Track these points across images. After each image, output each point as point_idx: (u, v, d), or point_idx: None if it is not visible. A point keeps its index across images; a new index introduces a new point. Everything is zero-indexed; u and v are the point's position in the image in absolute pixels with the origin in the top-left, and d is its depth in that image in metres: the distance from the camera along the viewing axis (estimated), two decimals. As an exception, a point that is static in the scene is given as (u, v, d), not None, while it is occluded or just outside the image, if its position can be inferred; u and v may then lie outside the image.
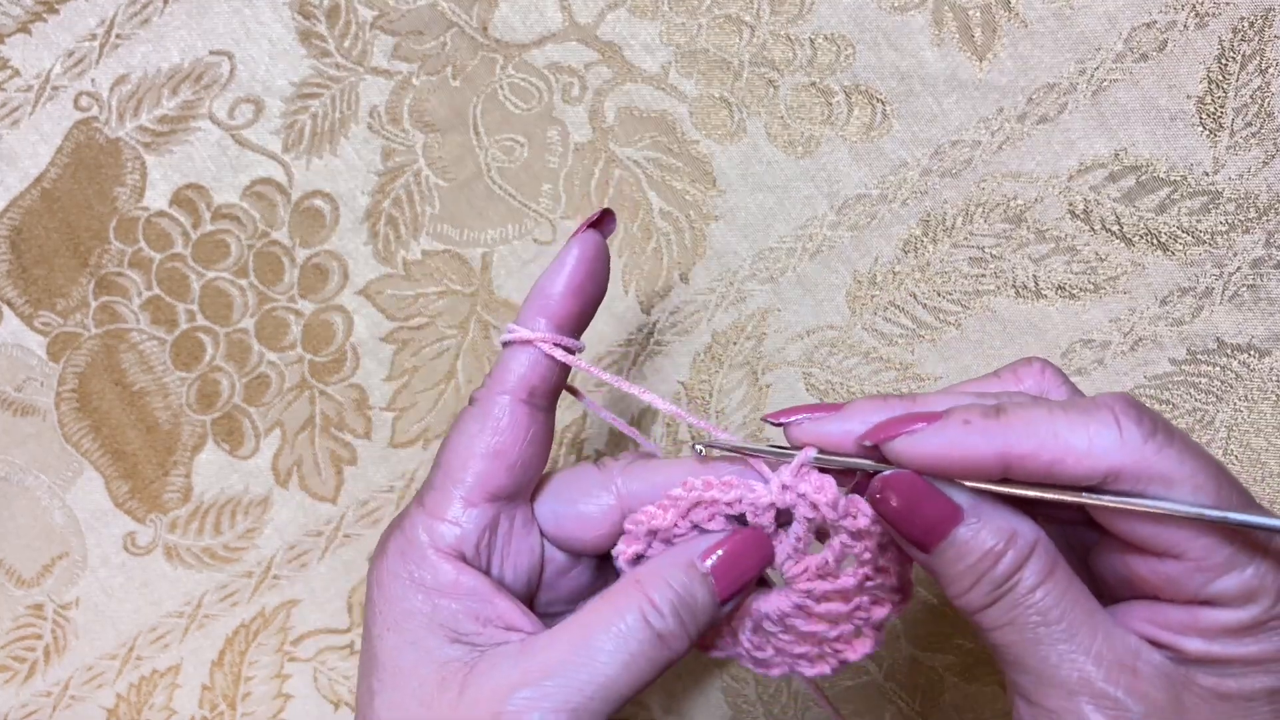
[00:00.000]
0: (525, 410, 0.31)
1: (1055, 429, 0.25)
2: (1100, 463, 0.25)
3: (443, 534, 0.31)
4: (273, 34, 0.43)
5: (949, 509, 0.26)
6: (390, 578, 0.30)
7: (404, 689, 0.29)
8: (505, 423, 0.31)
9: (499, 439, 0.31)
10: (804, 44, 0.40)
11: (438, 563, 0.30)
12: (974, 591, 0.27)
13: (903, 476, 0.27)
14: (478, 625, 0.30)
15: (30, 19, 0.43)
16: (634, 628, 0.28)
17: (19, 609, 0.47)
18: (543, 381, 0.32)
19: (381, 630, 0.30)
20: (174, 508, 0.46)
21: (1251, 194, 0.39)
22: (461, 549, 0.31)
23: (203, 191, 0.44)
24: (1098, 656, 0.26)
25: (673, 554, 0.30)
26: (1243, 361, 0.40)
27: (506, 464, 0.31)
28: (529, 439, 0.31)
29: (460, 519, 0.31)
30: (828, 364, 0.42)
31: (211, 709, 0.47)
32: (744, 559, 0.30)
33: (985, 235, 0.41)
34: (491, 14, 0.42)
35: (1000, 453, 0.25)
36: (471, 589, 0.30)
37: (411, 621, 0.30)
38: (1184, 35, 0.38)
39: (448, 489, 0.31)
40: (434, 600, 0.30)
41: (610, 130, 0.42)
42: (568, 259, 0.32)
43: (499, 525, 0.32)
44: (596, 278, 0.32)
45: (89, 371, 0.45)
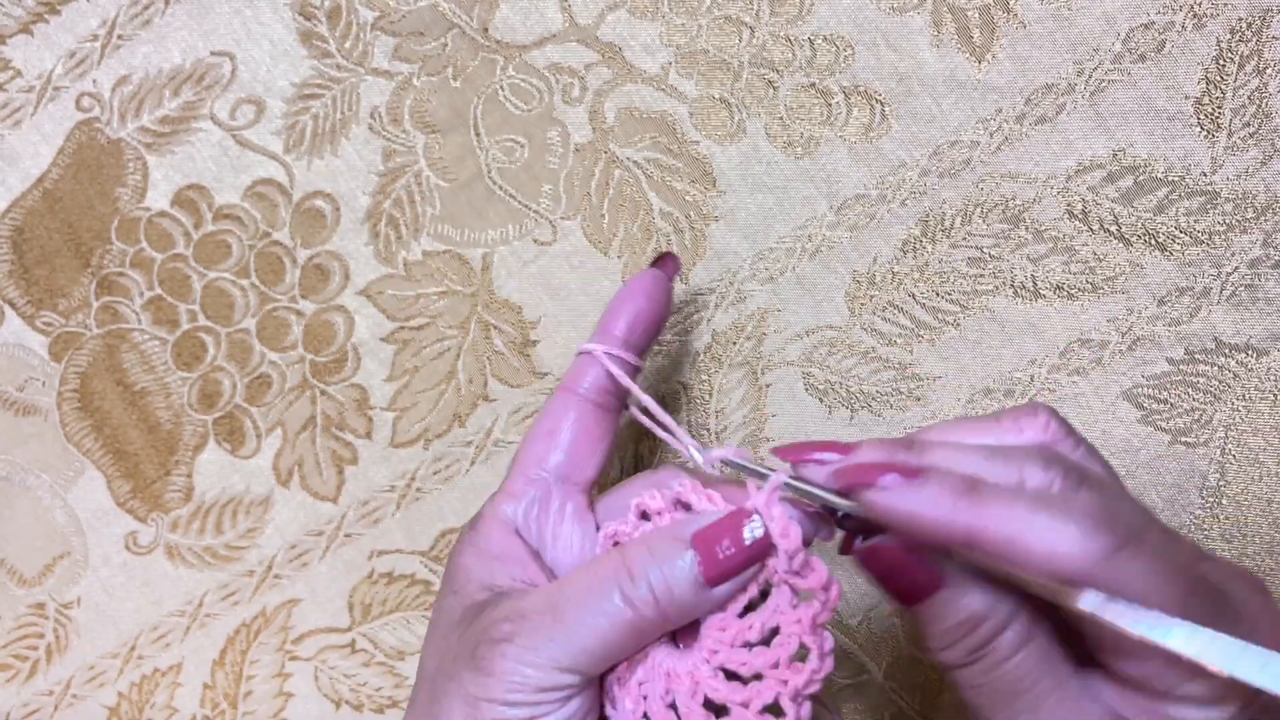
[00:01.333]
0: (577, 400, 0.35)
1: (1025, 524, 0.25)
2: (1062, 569, 0.25)
3: (503, 509, 0.34)
4: (274, 35, 0.43)
5: (931, 574, 0.27)
6: (459, 543, 0.35)
7: (440, 625, 0.33)
8: (559, 409, 0.35)
9: (552, 422, 0.35)
10: (803, 45, 0.41)
11: (492, 529, 0.34)
12: (951, 651, 0.27)
13: (886, 548, 0.27)
14: (510, 582, 0.32)
15: (32, 20, 0.44)
16: (605, 589, 0.29)
17: (21, 608, 0.47)
18: (597, 382, 0.35)
19: (441, 587, 0.34)
20: (175, 507, 0.46)
21: (1249, 194, 0.39)
22: (515, 522, 0.34)
23: (204, 192, 0.44)
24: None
25: (664, 528, 0.31)
26: (1240, 361, 0.40)
27: (558, 442, 0.35)
28: (579, 424, 0.35)
29: (518, 492, 0.35)
30: (827, 364, 0.42)
31: (213, 708, 0.47)
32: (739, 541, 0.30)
33: (984, 235, 0.41)
34: (492, 15, 0.42)
35: (968, 532, 0.26)
36: (514, 554, 0.33)
37: (459, 574, 0.33)
38: (1182, 36, 0.39)
39: (514, 471, 0.35)
40: (482, 559, 0.33)
41: (610, 131, 0.42)
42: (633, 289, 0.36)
43: (550, 503, 0.35)
44: (660, 309, 0.37)
45: (91, 371, 0.46)
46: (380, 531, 0.45)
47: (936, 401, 0.42)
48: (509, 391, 0.44)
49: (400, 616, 0.46)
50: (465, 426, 0.44)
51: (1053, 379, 0.41)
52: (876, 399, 0.42)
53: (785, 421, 0.43)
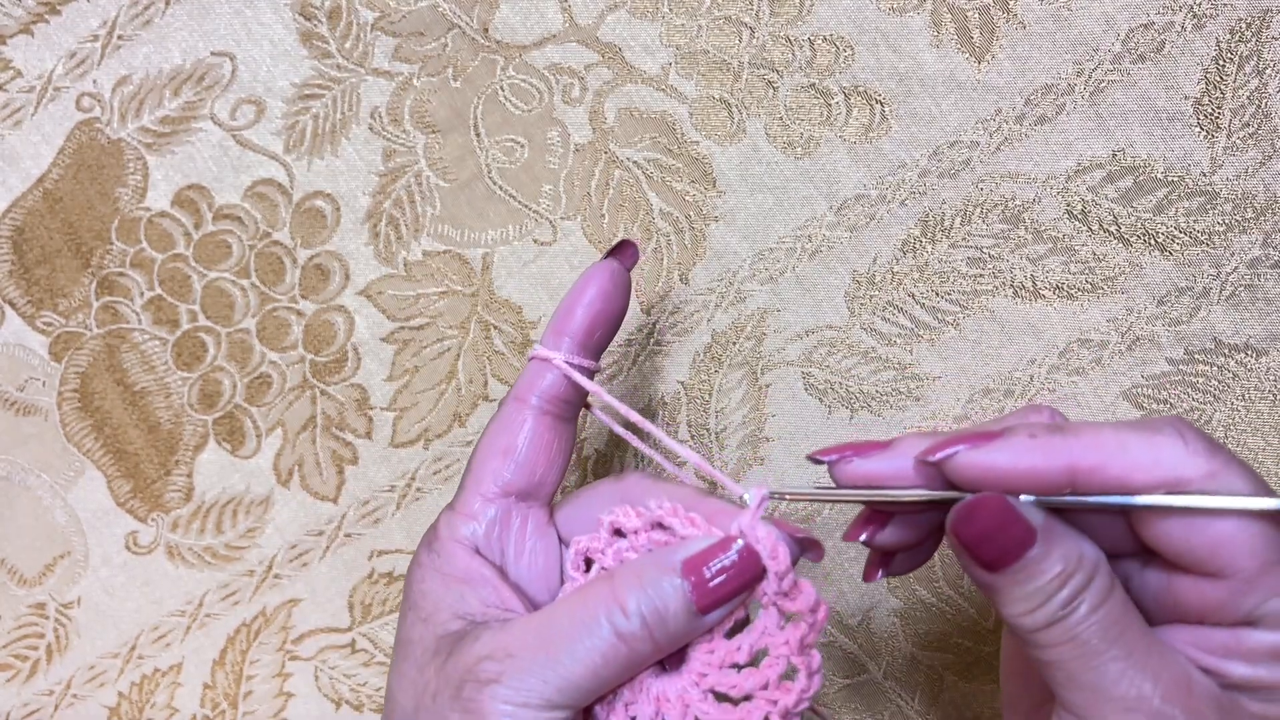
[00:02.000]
0: (535, 414, 0.34)
1: (1121, 442, 0.26)
2: (1168, 474, 0.25)
3: (460, 528, 0.33)
4: (274, 35, 0.43)
5: (1025, 531, 0.26)
6: (416, 566, 0.33)
7: (410, 658, 0.31)
8: (515, 423, 0.34)
9: (508, 438, 0.34)
10: (803, 45, 0.41)
11: (454, 551, 0.33)
12: (1038, 613, 0.27)
13: (994, 500, 0.27)
14: (481, 607, 0.31)
15: (32, 20, 0.44)
16: (596, 625, 0.29)
17: (21, 608, 0.47)
18: (554, 390, 0.34)
19: (404, 611, 0.33)
20: (175, 507, 0.46)
21: (1249, 194, 0.39)
22: (477, 543, 0.33)
23: (204, 192, 0.44)
24: (1155, 675, 0.26)
25: (653, 556, 0.30)
26: (1240, 361, 0.40)
27: (515, 461, 0.33)
28: (536, 441, 0.34)
29: (478, 514, 0.33)
30: (827, 364, 0.42)
31: (213, 708, 0.47)
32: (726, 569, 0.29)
33: (983, 236, 0.41)
34: (492, 15, 0.42)
35: (1068, 466, 0.26)
36: (481, 576, 0.32)
37: (426, 600, 0.32)
38: (1181, 36, 0.39)
39: (469, 487, 0.34)
40: (447, 584, 0.32)
41: (610, 131, 0.42)
42: (587, 286, 0.34)
43: (511, 521, 0.34)
44: (612, 304, 0.34)
45: (91, 371, 0.46)
46: (380, 531, 0.45)
47: (936, 401, 0.42)
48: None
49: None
50: (465, 426, 0.44)
51: (1052, 379, 0.41)
52: (876, 399, 0.42)
53: (785, 421, 0.43)
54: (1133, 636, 0.26)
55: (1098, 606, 0.26)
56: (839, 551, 0.43)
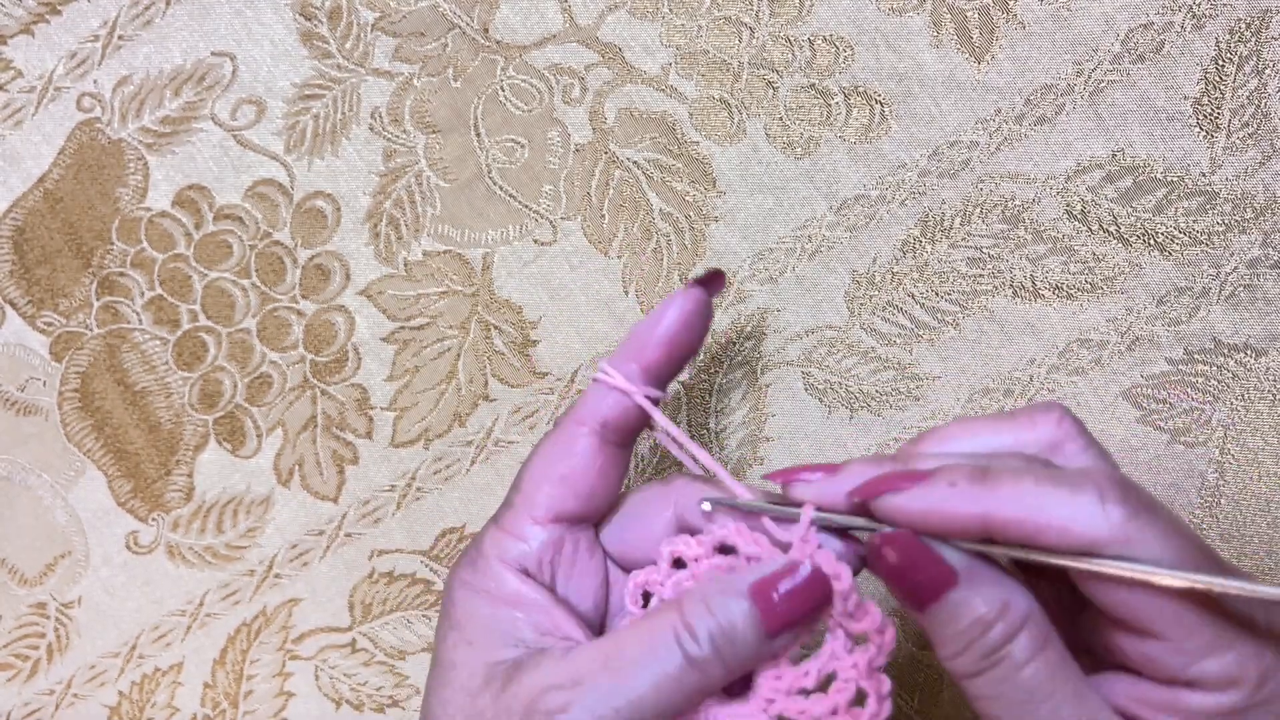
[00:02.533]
0: (597, 442, 0.32)
1: (1040, 499, 0.25)
2: (1081, 537, 0.25)
3: (509, 549, 0.32)
4: (274, 35, 0.43)
5: (944, 571, 0.26)
6: (459, 585, 0.32)
7: (455, 683, 0.30)
8: (577, 450, 0.32)
9: (569, 465, 0.32)
10: (803, 46, 0.41)
11: (502, 574, 0.32)
12: (963, 657, 0.27)
13: (901, 536, 0.27)
14: (535, 634, 0.31)
15: (33, 20, 0.44)
16: (666, 651, 0.28)
17: (21, 608, 0.47)
18: (618, 419, 0.33)
19: (445, 632, 0.32)
20: (176, 507, 0.46)
21: (1248, 194, 0.39)
22: (526, 565, 0.32)
23: (205, 192, 0.44)
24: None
25: (720, 580, 0.30)
26: (1239, 361, 0.40)
27: (574, 490, 0.32)
28: (598, 469, 0.32)
29: (527, 536, 0.32)
30: (826, 364, 0.42)
31: (214, 707, 0.47)
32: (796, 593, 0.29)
33: (983, 236, 0.41)
34: (492, 15, 0.42)
35: (982, 517, 0.26)
36: (533, 600, 0.31)
37: (472, 623, 0.31)
38: (1181, 37, 0.39)
39: (519, 508, 0.32)
40: (496, 607, 0.31)
41: (610, 131, 0.42)
42: (668, 311, 0.33)
43: (564, 546, 0.32)
44: (692, 333, 0.33)
45: (91, 371, 0.46)
46: (381, 531, 0.45)
47: (936, 401, 0.42)
48: (509, 391, 0.44)
49: (400, 616, 0.46)
50: (465, 426, 0.44)
51: (1052, 379, 0.41)
52: (876, 399, 0.42)
53: (785, 421, 0.43)
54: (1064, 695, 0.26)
55: (1026, 662, 0.26)
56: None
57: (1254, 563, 0.41)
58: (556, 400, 0.44)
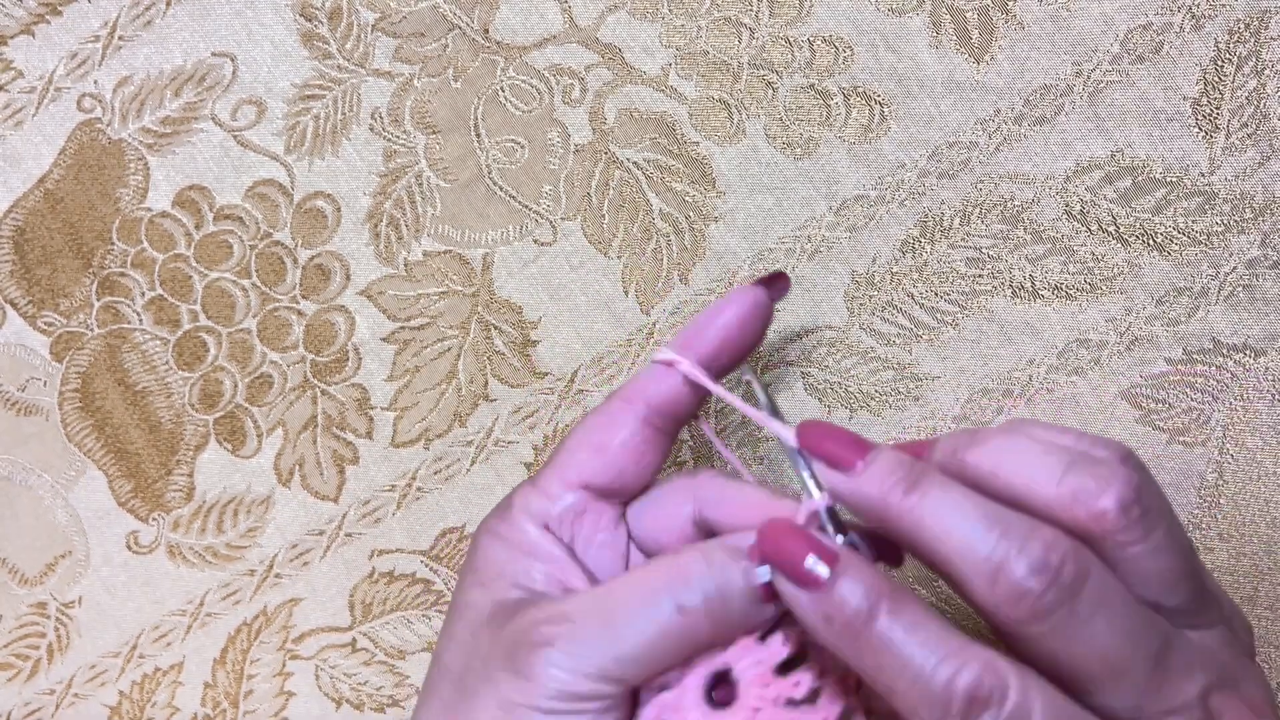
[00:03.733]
0: (637, 420, 0.33)
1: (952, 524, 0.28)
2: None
3: (535, 504, 0.33)
4: (275, 36, 0.43)
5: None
6: (485, 533, 0.33)
7: (463, 620, 0.31)
8: (616, 424, 0.33)
9: (605, 437, 0.33)
10: (803, 46, 0.41)
11: (524, 524, 0.32)
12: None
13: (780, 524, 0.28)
14: (546, 583, 0.31)
15: (33, 20, 0.44)
16: (659, 598, 0.28)
17: (22, 608, 0.47)
18: (664, 403, 0.33)
19: (464, 574, 0.33)
20: (176, 507, 0.46)
21: (1247, 195, 0.39)
22: (548, 521, 0.33)
23: (205, 192, 0.44)
24: None
25: (723, 539, 0.30)
26: (1238, 361, 0.40)
27: (606, 462, 0.33)
28: (634, 447, 0.33)
29: (555, 495, 0.33)
30: (826, 364, 0.42)
31: (214, 707, 0.47)
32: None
33: (982, 236, 0.41)
34: (492, 16, 0.42)
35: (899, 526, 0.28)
36: (550, 554, 0.32)
37: (489, 566, 0.32)
38: (1180, 37, 0.39)
39: (553, 468, 0.33)
40: (514, 554, 0.32)
41: (610, 132, 0.42)
42: (728, 305, 0.33)
43: (587, 514, 0.33)
44: (749, 332, 0.34)
45: (92, 371, 0.46)
46: (381, 531, 0.45)
47: (935, 401, 0.42)
48: (509, 391, 0.44)
49: (401, 616, 0.46)
50: (466, 426, 0.44)
51: (1051, 379, 0.41)
52: (875, 399, 0.42)
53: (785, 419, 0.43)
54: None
55: None
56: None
57: (1252, 562, 0.41)
58: (556, 400, 0.44)
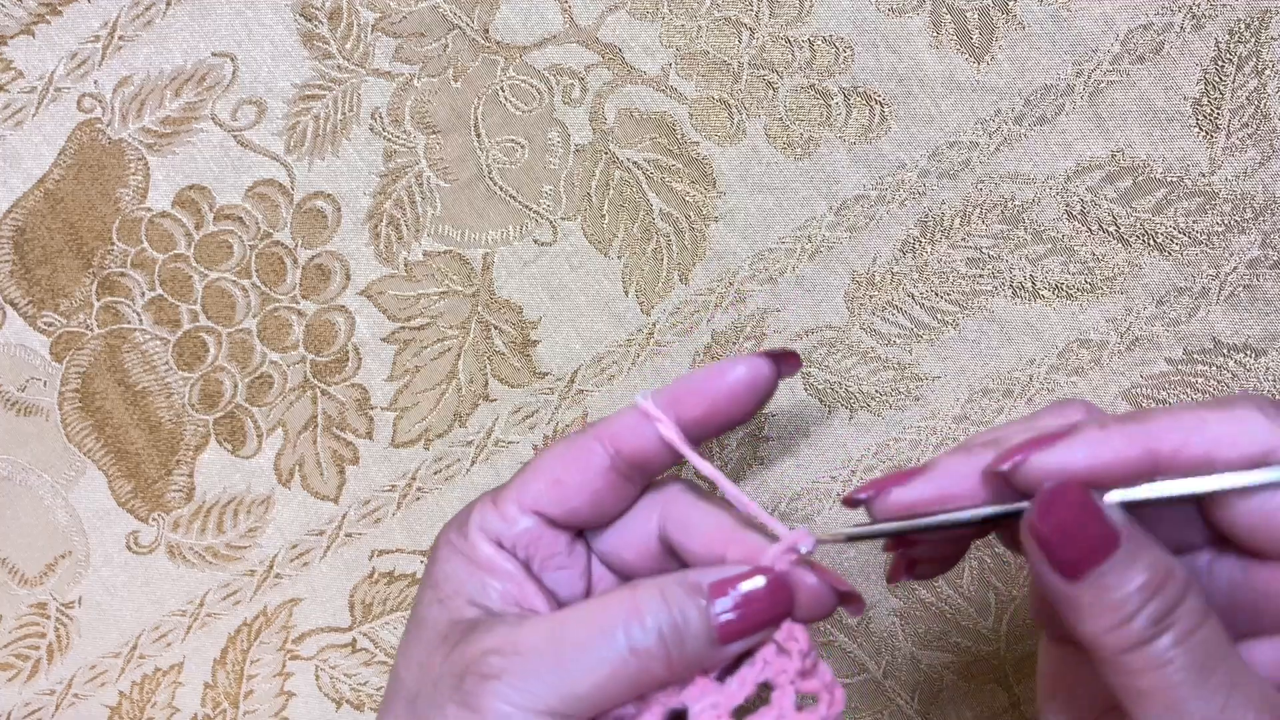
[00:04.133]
0: (601, 463, 0.32)
1: (1199, 419, 0.24)
2: (1251, 445, 0.23)
3: (492, 522, 0.32)
4: (275, 36, 0.43)
5: (1108, 533, 0.24)
6: (444, 545, 0.33)
7: (420, 638, 0.31)
8: (582, 464, 0.32)
9: (568, 474, 0.32)
10: (803, 46, 0.41)
11: (480, 542, 0.32)
12: (1124, 630, 0.24)
13: (1074, 489, 0.24)
14: (502, 602, 0.31)
15: (33, 20, 0.44)
16: (611, 636, 0.27)
17: (22, 608, 0.47)
18: (634, 454, 0.31)
19: (423, 590, 0.32)
20: (176, 507, 0.46)
21: (1248, 195, 0.39)
22: (501, 538, 0.32)
23: (205, 192, 0.44)
24: (1259, 705, 0.23)
25: (682, 574, 0.29)
26: (1239, 361, 0.40)
27: (563, 497, 0.32)
28: (593, 490, 0.32)
29: (510, 517, 0.32)
30: (826, 364, 0.42)
31: (214, 707, 0.47)
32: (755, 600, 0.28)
33: (983, 236, 0.41)
34: (492, 16, 0.42)
35: (1148, 450, 0.24)
36: (506, 572, 0.31)
37: (447, 583, 0.31)
38: (1180, 37, 0.39)
39: (512, 490, 0.32)
40: (471, 570, 0.31)
41: (610, 132, 0.42)
42: (727, 372, 0.31)
43: (543, 538, 0.32)
44: (740, 405, 0.31)
45: (92, 371, 0.46)
46: (381, 531, 0.45)
47: (936, 401, 0.42)
48: (509, 391, 0.44)
49: (401, 616, 0.46)
50: (466, 426, 0.44)
51: (1051, 379, 0.41)
52: (876, 399, 0.42)
53: (784, 421, 0.43)
54: (1231, 664, 0.23)
55: (1192, 630, 0.23)
56: (839, 551, 0.43)
57: (1253, 563, 0.41)
58: (556, 400, 0.44)
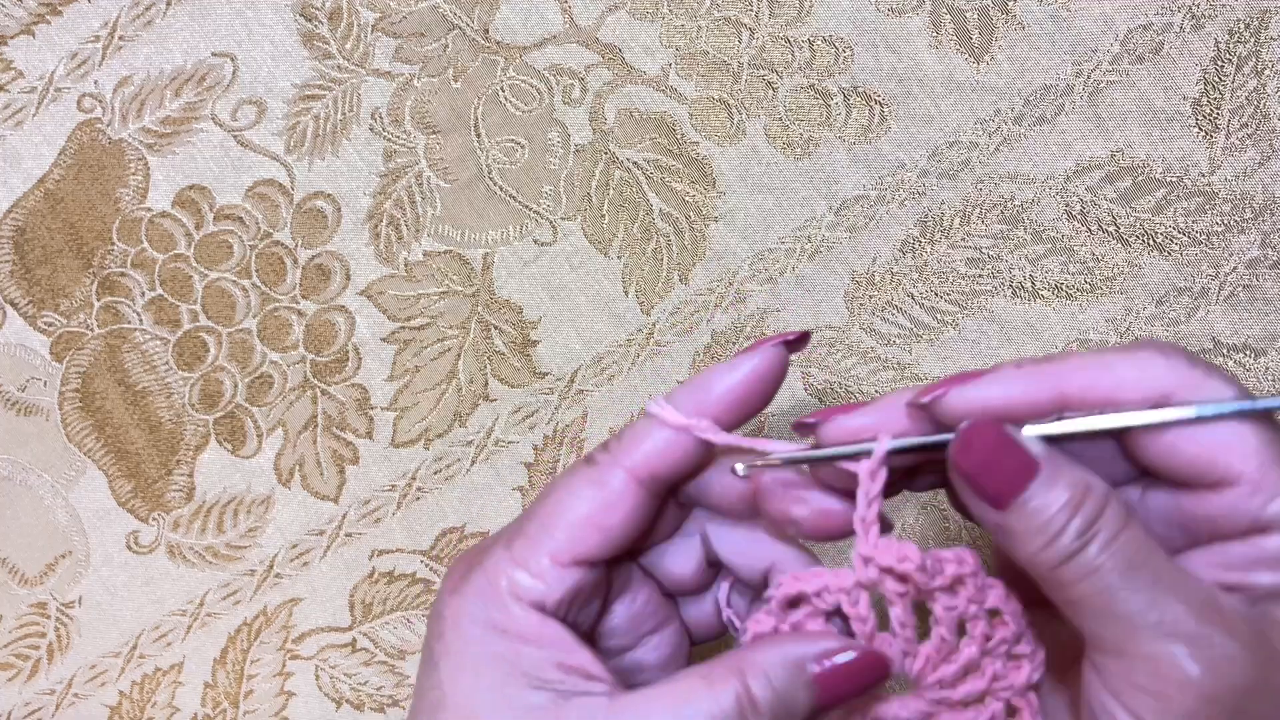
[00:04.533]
0: (641, 492, 0.30)
1: (1105, 363, 0.26)
2: (1154, 388, 0.26)
3: (524, 583, 0.29)
4: (275, 36, 0.43)
5: (1026, 461, 0.26)
6: (469, 621, 0.29)
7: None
8: (615, 499, 0.30)
9: (605, 514, 0.30)
10: (803, 46, 0.41)
11: (521, 612, 0.29)
12: (1053, 547, 0.25)
13: (985, 426, 0.26)
14: (560, 674, 0.28)
15: (34, 21, 0.44)
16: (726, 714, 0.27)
17: (22, 608, 0.47)
18: (668, 471, 0.30)
19: (454, 672, 0.29)
20: (177, 507, 0.46)
21: (1247, 195, 0.39)
22: (544, 604, 0.29)
23: (205, 192, 0.44)
24: (1185, 599, 0.25)
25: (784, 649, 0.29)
26: (1239, 361, 0.40)
27: (606, 539, 0.30)
28: (636, 521, 0.30)
29: (546, 575, 0.29)
30: (826, 364, 0.42)
31: (214, 707, 0.47)
32: (856, 676, 0.29)
33: (982, 236, 0.41)
34: (492, 16, 0.42)
35: (1056, 390, 0.26)
36: (555, 638, 0.29)
37: (493, 667, 0.28)
38: (1180, 37, 0.39)
39: (540, 542, 0.30)
40: (515, 646, 0.29)
41: (610, 132, 0.42)
42: (744, 365, 0.30)
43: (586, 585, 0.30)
44: (763, 394, 0.31)
45: (92, 371, 0.46)
46: (381, 531, 0.45)
47: (935, 401, 0.42)
48: (509, 391, 0.44)
49: (401, 616, 0.46)
50: (466, 426, 0.44)
51: (1051, 379, 0.41)
52: (876, 399, 0.42)
53: (785, 422, 0.43)
54: (1156, 563, 0.25)
55: (1115, 535, 0.25)
56: (839, 550, 0.43)
57: (1253, 562, 0.41)
58: (556, 400, 0.44)
